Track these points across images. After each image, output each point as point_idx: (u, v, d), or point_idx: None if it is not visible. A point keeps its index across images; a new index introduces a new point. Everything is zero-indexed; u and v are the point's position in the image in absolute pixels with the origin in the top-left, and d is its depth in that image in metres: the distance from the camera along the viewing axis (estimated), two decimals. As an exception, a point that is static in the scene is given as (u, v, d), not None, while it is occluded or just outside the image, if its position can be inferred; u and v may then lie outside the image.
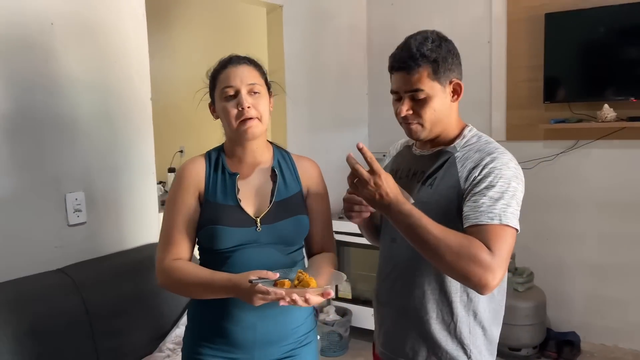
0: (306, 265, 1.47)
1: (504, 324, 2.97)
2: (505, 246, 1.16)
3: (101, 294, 1.89)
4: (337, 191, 1.59)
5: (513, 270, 3.19)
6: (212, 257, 1.38)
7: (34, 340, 1.67)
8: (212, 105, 1.45)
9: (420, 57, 1.25)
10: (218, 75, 1.39)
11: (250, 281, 1.20)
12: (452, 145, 1.31)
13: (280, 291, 1.18)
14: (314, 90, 3.28)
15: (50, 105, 1.90)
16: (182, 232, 1.37)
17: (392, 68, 1.30)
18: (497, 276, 1.13)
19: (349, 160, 1.19)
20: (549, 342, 3.18)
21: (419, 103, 1.28)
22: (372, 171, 1.19)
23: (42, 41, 1.86)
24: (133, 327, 1.94)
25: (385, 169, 1.50)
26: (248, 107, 1.34)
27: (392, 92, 1.33)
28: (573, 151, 3.18)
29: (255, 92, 1.37)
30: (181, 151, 4.62)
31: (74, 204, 1.98)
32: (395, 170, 1.44)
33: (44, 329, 1.70)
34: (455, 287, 1.29)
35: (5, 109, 1.78)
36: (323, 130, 3.34)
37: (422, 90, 1.26)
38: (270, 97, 1.44)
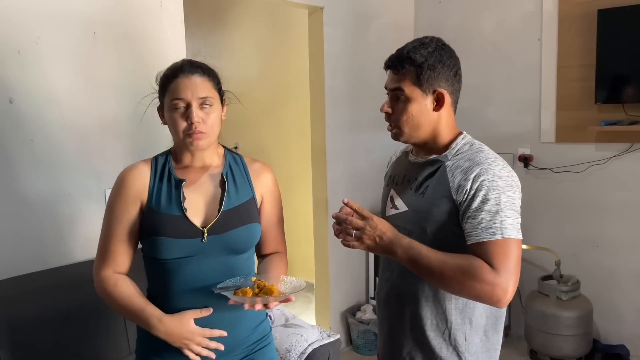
0: (256, 270, 1.46)
1: (546, 332, 2.93)
2: (510, 259, 1.17)
3: (135, 283, 2.03)
4: (377, 191, 1.61)
5: (558, 278, 3.07)
6: (155, 266, 1.33)
7: (70, 324, 1.83)
8: (160, 110, 1.38)
9: (406, 60, 1.28)
10: (168, 84, 1.31)
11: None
12: (444, 153, 1.32)
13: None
14: (356, 90, 3.30)
15: (93, 108, 2.07)
16: (119, 244, 1.32)
17: (384, 65, 1.34)
18: (509, 290, 1.16)
19: (338, 216, 1.24)
20: (595, 355, 3.04)
21: (399, 104, 1.31)
22: (363, 217, 1.23)
23: (84, 49, 2.03)
24: (162, 316, 2.07)
25: (386, 175, 1.53)
26: (198, 122, 1.28)
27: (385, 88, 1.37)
28: (627, 155, 3.00)
29: (206, 105, 1.30)
30: (236, 147, 4.81)
31: (113, 199, 2.14)
32: (392, 177, 1.47)
33: (80, 314, 1.87)
34: (449, 294, 1.30)
35: (52, 113, 1.96)
36: (365, 130, 3.34)
37: (402, 90, 1.29)
38: (223, 105, 1.39)
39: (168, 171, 1.35)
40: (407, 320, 1.36)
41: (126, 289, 1.32)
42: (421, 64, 1.26)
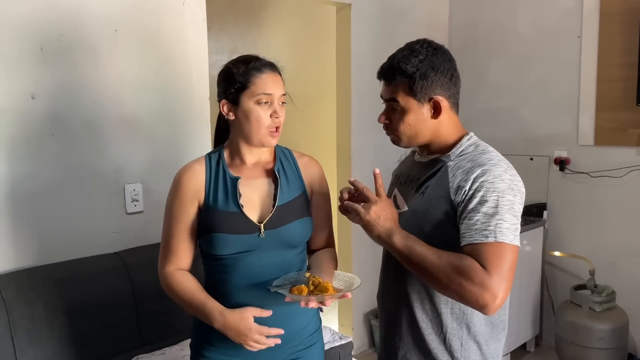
0: (306, 263, 1.48)
1: (577, 344, 2.80)
2: (504, 264, 1.11)
3: (149, 277, 2.03)
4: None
5: (592, 287, 2.92)
6: (213, 262, 1.37)
7: (83, 315, 1.88)
8: (228, 104, 1.35)
9: (397, 71, 1.24)
10: (251, 77, 1.31)
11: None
12: (447, 153, 1.27)
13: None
14: (384, 88, 3.24)
15: (113, 105, 2.10)
16: (180, 242, 1.37)
17: (377, 75, 1.32)
18: (498, 296, 1.10)
19: (355, 183, 1.24)
20: (630, 370, 2.88)
21: (395, 114, 1.28)
22: (369, 200, 1.22)
23: (106, 46, 2.07)
24: (176, 310, 2.06)
25: (393, 172, 1.50)
26: (280, 117, 1.34)
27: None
28: (671, 160, 2.83)
29: (284, 103, 1.36)
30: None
31: (132, 194, 2.18)
32: (397, 176, 1.45)
33: (94, 305, 1.91)
34: (445, 298, 1.25)
35: (73, 109, 2.01)
36: (393, 129, 3.29)
37: (397, 101, 1.26)
38: None
39: (222, 169, 1.38)
40: (402, 323, 1.33)
41: (188, 284, 1.36)
42: (412, 74, 1.22)
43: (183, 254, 1.39)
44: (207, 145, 2.40)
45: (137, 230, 2.20)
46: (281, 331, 1.31)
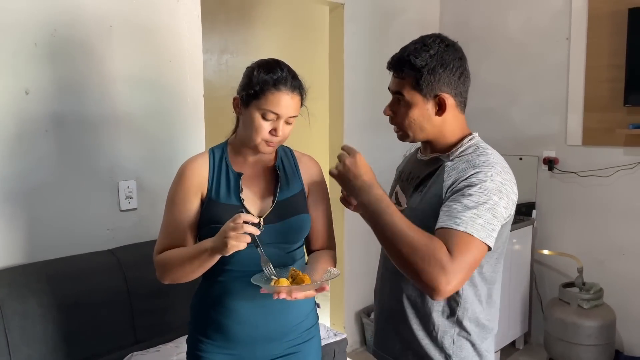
0: (306, 262, 1.49)
1: (565, 341, 2.84)
2: (467, 255, 1.08)
3: (143, 275, 2.03)
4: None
5: (580, 285, 2.97)
6: None
7: (77, 312, 1.86)
8: (237, 100, 1.37)
9: (406, 64, 1.23)
10: (266, 90, 1.31)
11: (241, 210, 1.24)
12: (447, 153, 1.28)
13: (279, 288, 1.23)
14: (377, 88, 3.23)
15: (107, 101, 2.09)
16: (182, 232, 1.38)
17: (387, 65, 1.30)
18: (452, 282, 1.06)
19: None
20: (618, 366, 2.93)
21: (400, 107, 1.28)
22: (350, 151, 1.22)
23: (100, 42, 2.05)
24: (170, 307, 2.08)
25: (398, 168, 1.51)
26: (281, 136, 1.34)
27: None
28: (657, 159, 2.88)
29: (291, 120, 1.35)
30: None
31: (126, 191, 2.17)
32: (401, 172, 1.46)
33: (88, 303, 1.90)
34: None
35: (67, 105, 1.99)
36: (385, 129, 3.27)
37: (403, 95, 1.26)
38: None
39: (225, 164, 1.41)
40: (396, 318, 1.33)
41: (176, 250, 1.36)
42: (420, 68, 1.21)
43: (180, 245, 1.37)
44: (202, 142, 2.40)
45: (131, 227, 2.19)
46: (256, 219, 1.23)
